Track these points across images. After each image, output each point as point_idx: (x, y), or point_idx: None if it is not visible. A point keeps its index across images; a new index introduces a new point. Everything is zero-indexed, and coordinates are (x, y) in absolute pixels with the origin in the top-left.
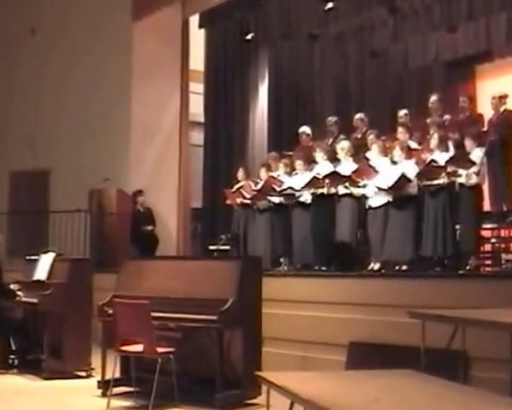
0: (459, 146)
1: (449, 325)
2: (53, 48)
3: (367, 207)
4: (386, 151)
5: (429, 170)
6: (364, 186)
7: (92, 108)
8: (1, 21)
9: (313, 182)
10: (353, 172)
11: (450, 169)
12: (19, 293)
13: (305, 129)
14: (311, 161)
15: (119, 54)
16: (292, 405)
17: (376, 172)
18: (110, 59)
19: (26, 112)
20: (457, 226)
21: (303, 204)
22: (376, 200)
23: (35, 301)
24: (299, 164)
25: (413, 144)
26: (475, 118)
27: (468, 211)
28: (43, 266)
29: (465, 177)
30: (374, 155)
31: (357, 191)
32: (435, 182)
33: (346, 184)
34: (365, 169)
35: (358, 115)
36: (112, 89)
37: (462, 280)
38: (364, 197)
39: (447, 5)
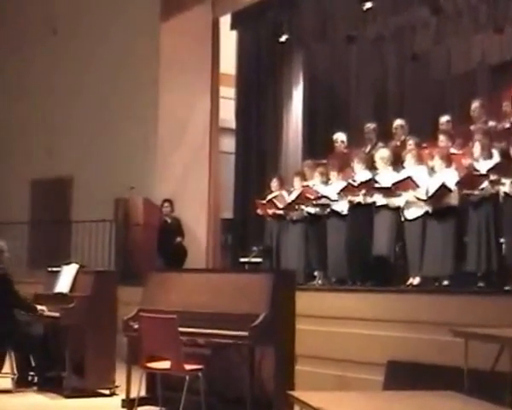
0: (505, 155)
1: (494, 345)
2: (75, 51)
3: (402, 219)
4: (422, 159)
5: (470, 178)
6: (400, 195)
7: (117, 114)
8: (19, 23)
9: (348, 188)
10: (394, 184)
11: (493, 177)
12: (41, 307)
13: (340, 135)
14: (345, 169)
15: (146, 56)
16: None
17: (418, 186)
18: (136, 62)
19: (46, 118)
20: (502, 239)
21: (339, 214)
22: (413, 211)
23: (57, 315)
24: (333, 175)
25: (455, 151)
26: None
27: None
28: (65, 278)
29: (509, 186)
30: (410, 164)
31: (392, 202)
32: (476, 192)
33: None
34: (407, 183)
35: (398, 122)
36: (138, 93)
37: (508, 297)
38: (401, 209)
39: (493, 5)
